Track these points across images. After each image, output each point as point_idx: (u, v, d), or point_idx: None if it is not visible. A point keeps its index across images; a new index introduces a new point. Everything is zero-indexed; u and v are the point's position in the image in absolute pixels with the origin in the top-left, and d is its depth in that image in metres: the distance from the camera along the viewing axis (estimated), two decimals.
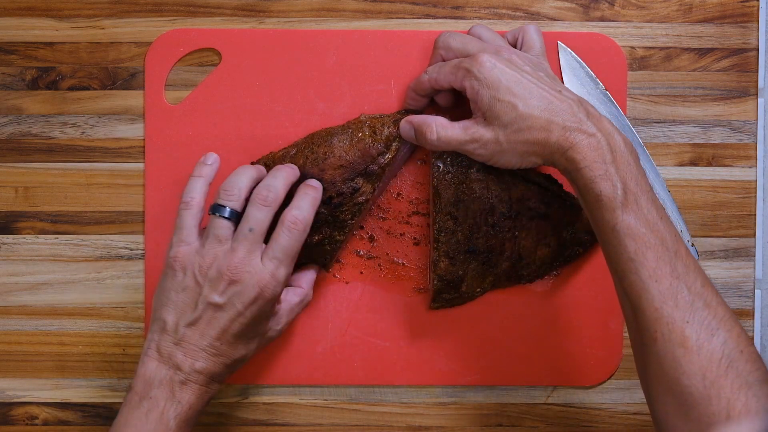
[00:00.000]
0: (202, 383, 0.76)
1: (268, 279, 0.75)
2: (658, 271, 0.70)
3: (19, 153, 0.88)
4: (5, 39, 0.88)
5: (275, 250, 0.76)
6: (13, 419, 0.88)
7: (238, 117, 0.87)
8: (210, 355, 0.76)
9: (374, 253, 0.88)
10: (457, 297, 0.86)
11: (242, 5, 0.88)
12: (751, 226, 0.89)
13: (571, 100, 0.75)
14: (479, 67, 0.76)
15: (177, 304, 0.76)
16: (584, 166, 0.72)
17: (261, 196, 0.77)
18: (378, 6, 0.88)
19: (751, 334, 0.89)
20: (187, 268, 0.76)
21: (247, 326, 0.76)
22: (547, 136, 0.74)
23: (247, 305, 0.75)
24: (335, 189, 0.80)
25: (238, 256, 0.75)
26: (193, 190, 0.79)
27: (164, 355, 0.76)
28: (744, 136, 0.88)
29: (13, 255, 0.88)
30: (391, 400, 0.89)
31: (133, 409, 0.75)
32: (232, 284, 0.75)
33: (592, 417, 0.89)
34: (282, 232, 0.76)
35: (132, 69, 0.88)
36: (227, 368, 0.77)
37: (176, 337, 0.76)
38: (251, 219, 0.76)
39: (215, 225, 0.77)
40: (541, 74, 0.77)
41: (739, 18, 0.88)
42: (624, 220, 0.71)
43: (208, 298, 0.75)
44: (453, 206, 0.82)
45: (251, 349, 0.78)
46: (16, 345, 0.88)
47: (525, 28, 0.83)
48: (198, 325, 0.76)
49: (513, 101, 0.75)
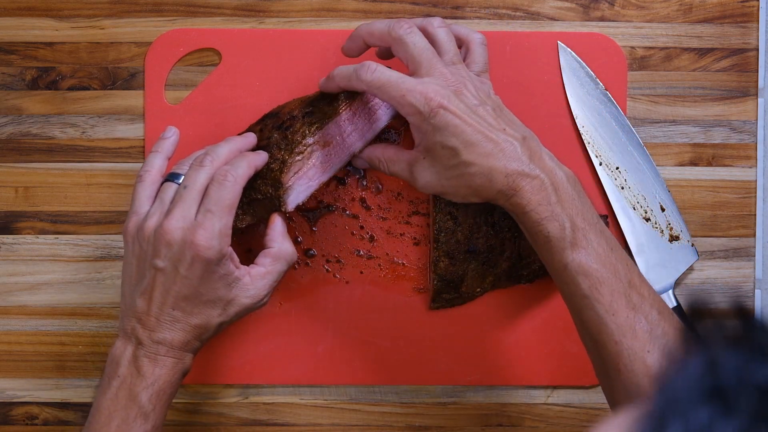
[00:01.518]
0: (167, 354, 0.75)
1: (201, 234, 0.73)
2: (614, 305, 0.71)
3: (19, 153, 0.88)
4: (5, 39, 0.88)
5: (206, 204, 0.74)
6: (13, 419, 0.88)
7: (238, 117, 0.87)
8: (167, 324, 0.75)
9: (374, 253, 0.88)
10: (457, 297, 0.86)
11: (242, 5, 0.88)
12: (751, 226, 0.89)
13: (514, 140, 0.73)
14: (427, 107, 0.73)
15: (131, 276, 0.76)
16: (530, 210, 0.73)
17: (198, 158, 0.77)
18: (378, 6, 0.88)
19: None
20: (135, 237, 0.76)
21: (193, 288, 0.74)
22: (489, 184, 0.73)
23: (188, 266, 0.74)
24: (290, 115, 0.79)
25: (174, 216, 0.74)
26: (147, 164, 0.79)
27: (128, 332, 0.75)
28: (744, 136, 0.89)
29: (13, 255, 0.88)
30: (391, 400, 0.89)
31: (104, 391, 0.75)
32: (168, 246, 0.74)
33: (592, 417, 0.89)
34: (212, 186, 0.75)
35: (132, 69, 0.88)
36: (189, 335, 0.75)
37: (134, 310, 0.75)
38: (186, 177, 0.76)
39: (162, 189, 0.77)
40: (488, 109, 0.75)
41: (739, 18, 0.88)
42: (575, 259, 0.72)
43: (151, 263, 0.74)
44: (453, 206, 0.82)
45: (213, 315, 0.76)
46: (16, 345, 0.88)
47: (471, 38, 0.80)
48: (148, 293, 0.75)
49: (457, 148, 0.73)
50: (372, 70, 0.75)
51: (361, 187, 0.87)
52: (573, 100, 0.87)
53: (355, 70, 0.75)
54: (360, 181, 0.87)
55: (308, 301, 0.87)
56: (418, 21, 0.79)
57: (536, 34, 0.87)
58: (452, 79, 0.75)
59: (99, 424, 0.74)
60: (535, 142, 0.75)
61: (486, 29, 0.88)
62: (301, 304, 0.87)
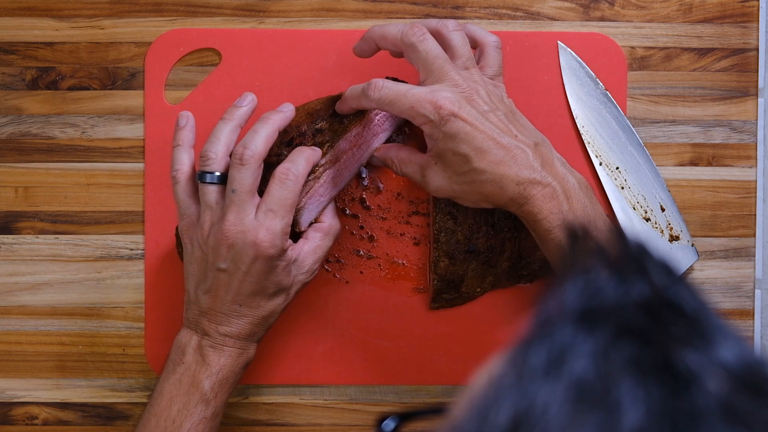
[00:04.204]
0: (232, 345, 0.77)
1: (263, 234, 0.74)
2: None
3: (19, 153, 0.88)
4: (5, 39, 0.88)
5: (268, 203, 0.74)
6: (13, 419, 0.88)
7: None
8: (234, 318, 0.77)
9: (374, 253, 0.88)
10: (457, 297, 0.86)
11: (242, 5, 0.88)
12: (751, 226, 0.89)
13: (525, 147, 0.73)
14: (437, 116, 0.73)
15: (194, 275, 0.77)
16: (541, 218, 0.73)
17: (237, 155, 0.74)
18: (378, 6, 0.88)
19: (751, 334, 0.89)
20: (193, 239, 0.77)
21: (259, 284, 0.76)
22: (500, 191, 0.73)
23: (250, 264, 0.75)
24: (299, 131, 0.79)
25: (229, 220, 0.74)
26: (176, 161, 0.78)
27: (192, 323, 0.78)
28: (744, 136, 0.89)
29: (13, 255, 0.88)
30: (391, 400, 0.89)
31: (168, 376, 0.77)
32: (230, 248, 0.74)
33: None
34: (273, 184, 0.74)
35: (132, 69, 0.88)
36: (257, 327, 0.78)
37: (199, 305, 0.77)
38: (232, 181, 0.74)
39: (203, 192, 0.76)
40: (500, 115, 0.74)
41: (739, 18, 0.88)
42: None
43: (214, 264, 0.76)
44: (453, 206, 0.82)
45: (278, 303, 0.78)
46: (16, 345, 0.88)
47: (486, 41, 0.79)
48: (213, 291, 0.76)
49: (469, 155, 0.73)
50: (379, 88, 0.75)
51: (361, 187, 0.87)
52: (573, 100, 0.87)
53: (363, 90, 0.76)
54: (360, 181, 0.87)
55: (308, 301, 0.87)
56: (433, 23, 0.77)
57: (536, 34, 0.87)
58: (464, 85, 0.74)
59: (160, 407, 0.76)
60: (547, 148, 0.75)
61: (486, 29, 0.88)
62: (301, 304, 0.87)
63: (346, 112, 0.79)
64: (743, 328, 0.89)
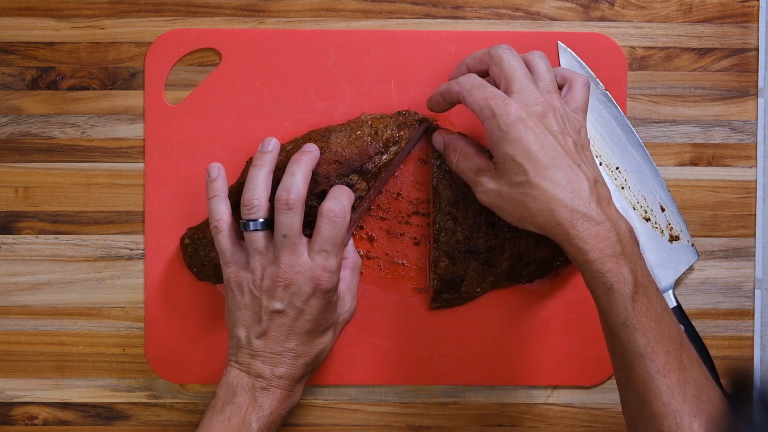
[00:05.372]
0: (284, 387, 0.77)
1: (320, 272, 0.76)
2: (667, 366, 0.70)
3: (19, 153, 0.88)
4: (5, 39, 0.88)
5: (320, 243, 0.76)
6: (13, 419, 0.88)
7: (238, 117, 0.87)
8: (289, 359, 0.77)
9: (374, 253, 0.88)
10: (457, 297, 0.86)
11: (242, 5, 0.88)
12: (751, 226, 0.89)
13: (586, 180, 0.72)
14: (506, 117, 0.72)
15: (244, 321, 0.78)
16: (594, 259, 0.70)
17: (282, 200, 0.76)
18: (378, 6, 0.88)
19: (750, 334, 0.89)
20: (243, 285, 0.77)
21: (315, 321, 0.77)
22: (549, 214, 0.71)
23: (306, 301, 0.76)
24: (329, 183, 0.80)
25: (284, 263, 0.76)
26: (217, 213, 0.79)
27: (244, 366, 0.77)
28: (744, 136, 0.88)
29: (13, 255, 0.88)
30: (391, 400, 0.89)
31: (216, 414, 0.77)
32: (287, 288, 0.76)
33: (592, 417, 0.89)
34: (323, 223, 0.76)
35: (132, 69, 0.88)
36: (309, 366, 0.79)
37: (251, 350, 0.77)
38: (281, 226, 0.76)
39: (251, 240, 0.77)
40: (569, 140, 0.73)
41: (739, 18, 0.88)
42: (635, 316, 0.70)
43: (269, 307, 0.76)
44: (453, 206, 0.82)
45: (328, 341, 0.79)
46: (16, 345, 0.88)
47: (574, 78, 0.79)
48: (268, 334, 0.77)
49: (526, 167, 0.72)
50: (467, 76, 0.76)
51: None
52: None
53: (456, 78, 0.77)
54: None
55: None
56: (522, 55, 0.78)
57: (536, 34, 0.87)
58: (541, 100, 0.74)
59: None
60: (606, 189, 0.74)
61: (486, 29, 0.88)
62: None
63: (439, 109, 0.80)
64: (743, 328, 0.89)
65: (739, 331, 0.89)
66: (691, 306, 0.89)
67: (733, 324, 0.89)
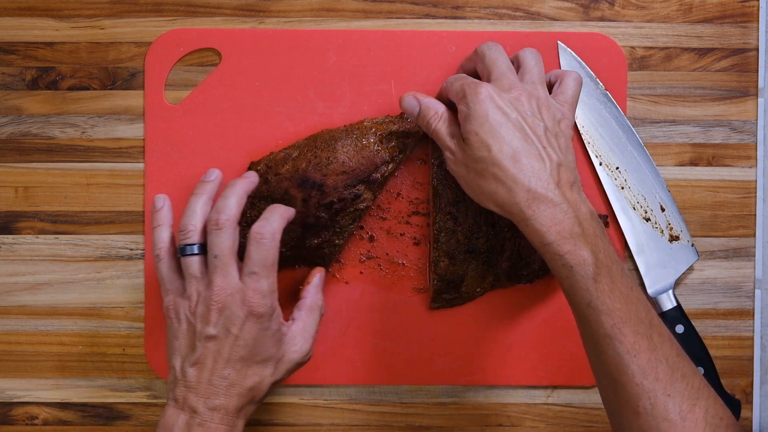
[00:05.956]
0: (220, 422, 0.75)
1: (251, 294, 0.75)
2: (637, 346, 0.70)
3: (19, 153, 0.88)
4: (5, 39, 0.88)
5: (249, 266, 0.75)
6: (13, 419, 0.88)
7: (238, 117, 0.87)
8: (222, 389, 0.75)
9: (374, 253, 0.88)
10: (457, 297, 0.86)
11: (242, 5, 0.88)
12: (751, 226, 0.89)
13: (549, 161, 0.72)
14: (475, 95, 0.74)
15: (180, 349, 0.76)
16: (551, 241, 0.71)
17: (212, 221, 0.76)
18: (378, 6, 0.88)
19: (750, 333, 0.89)
20: (180, 312, 0.77)
21: (249, 348, 0.75)
22: (507, 193, 0.72)
23: (241, 326, 0.75)
24: (337, 194, 0.80)
25: (216, 285, 0.75)
26: (159, 241, 0.79)
27: (179, 401, 0.75)
28: (744, 136, 0.89)
29: (13, 255, 0.88)
30: (391, 400, 0.89)
31: None
32: (220, 312, 0.75)
33: (592, 417, 0.89)
34: (251, 246, 0.76)
35: (132, 69, 0.88)
36: (244, 398, 0.76)
37: (186, 380, 0.76)
38: (212, 247, 0.76)
39: (187, 265, 0.77)
40: (539, 125, 0.74)
41: (739, 18, 0.88)
42: (599, 297, 0.70)
43: (203, 333, 0.75)
44: (453, 206, 0.82)
45: (266, 375, 0.77)
46: (16, 345, 0.88)
47: (567, 73, 0.79)
48: (202, 362, 0.75)
49: (489, 143, 0.72)
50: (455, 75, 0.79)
51: None
52: None
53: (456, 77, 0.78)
54: None
55: None
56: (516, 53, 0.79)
57: (536, 34, 0.87)
58: (518, 85, 0.75)
59: None
60: (572, 175, 0.73)
61: (486, 29, 0.88)
62: None
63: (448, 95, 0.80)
64: (743, 328, 0.89)
65: (739, 331, 0.89)
66: (691, 306, 0.89)
67: (733, 324, 0.89)
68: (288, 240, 0.82)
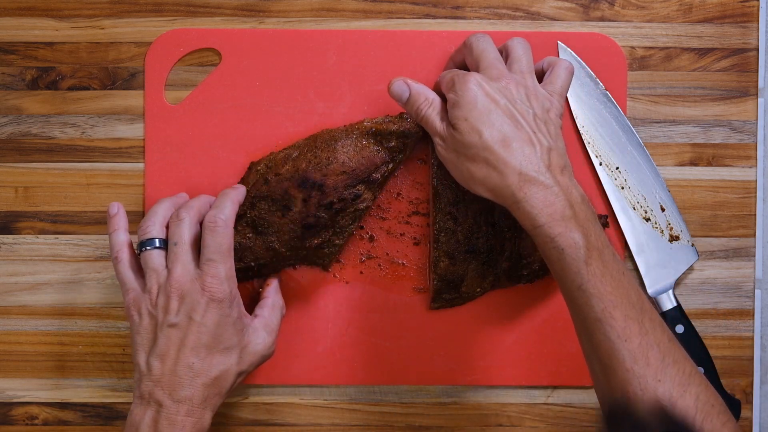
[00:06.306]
0: (187, 414, 0.75)
1: (209, 280, 0.76)
2: (627, 330, 0.69)
3: (19, 153, 0.88)
4: (5, 39, 0.88)
5: (206, 254, 0.76)
6: (13, 419, 0.88)
7: (238, 117, 0.87)
8: (187, 379, 0.75)
9: (374, 253, 0.88)
10: (457, 297, 0.86)
11: (242, 5, 0.88)
12: (751, 226, 0.89)
13: (539, 145, 0.73)
14: (463, 84, 0.74)
15: (143, 345, 0.76)
16: (543, 223, 0.71)
17: (175, 214, 0.79)
18: (378, 6, 0.88)
19: (750, 333, 0.89)
20: (141, 308, 0.77)
21: (212, 335, 0.76)
22: (498, 177, 0.72)
23: (203, 312, 0.75)
24: (337, 195, 0.80)
25: (176, 273, 0.76)
26: (116, 244, 0.80)
27: (145, 397, 0.75)
28: (744, 136, 0.89)
29: (13, 255, 0.88)
30: (391, 400, 0.89)
31: None
32: (181, 300, 0.75)
33: (592, 417, 0.89)
34: (206, 234, 0.77)
35: (132, 69, 0.88)
36: (210, 389, 0.76)
37: (151, 373, 0.75)
38: (172, 236, 0.77)
39: (147, 259, 0.78)
40: (529, 111, 0.74)
41: (739, 18, 0.88)
42: (590, 280, 0.70)
43: (165, 322, 0.75)
44: (453, 206, 0.82)
45: (230, 365, 0.77)
46: (16, 345, 0.88)
47: (558, 62, 0.80)
48: (165, 352, 0.75)
49: (479, 128, 0.73)
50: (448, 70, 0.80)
51: None
52: (573, 100, 0.87)
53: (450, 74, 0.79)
54: None
55: (308, 301, 0.87)
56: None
57: (536, 34, 0.87)
58: (506, 75, 0.76)
59: None
60: (562, 160, 0.74)
61: (486, 29, 0.88)
62: (301, 304, 0.87)
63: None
64: (743, 328, 0.89)
65: (739, 331, 0.89)
66: (691, 306, 0.89)
67: (733, 324, 0.89)
68: (288, 240, 0.82)
